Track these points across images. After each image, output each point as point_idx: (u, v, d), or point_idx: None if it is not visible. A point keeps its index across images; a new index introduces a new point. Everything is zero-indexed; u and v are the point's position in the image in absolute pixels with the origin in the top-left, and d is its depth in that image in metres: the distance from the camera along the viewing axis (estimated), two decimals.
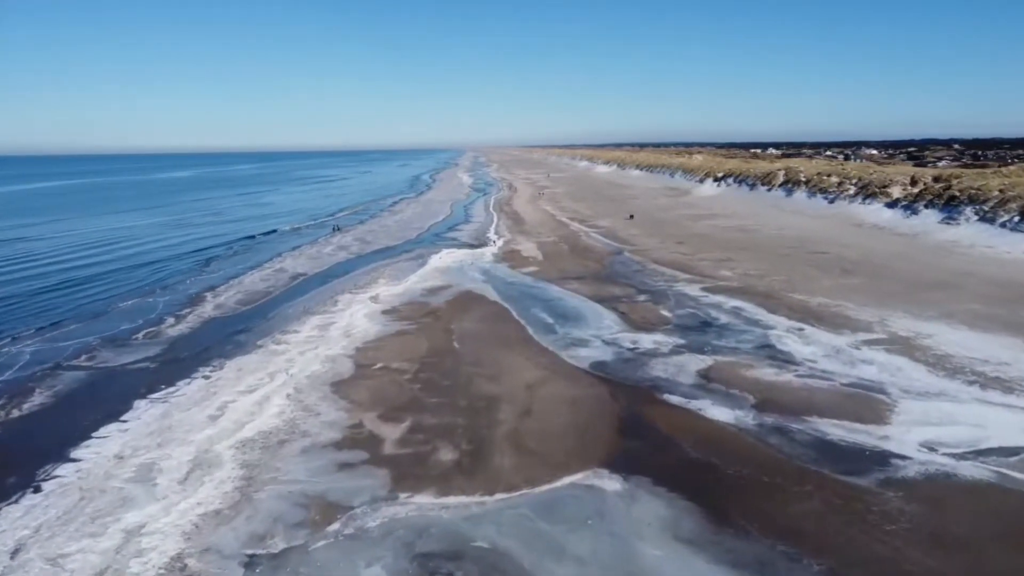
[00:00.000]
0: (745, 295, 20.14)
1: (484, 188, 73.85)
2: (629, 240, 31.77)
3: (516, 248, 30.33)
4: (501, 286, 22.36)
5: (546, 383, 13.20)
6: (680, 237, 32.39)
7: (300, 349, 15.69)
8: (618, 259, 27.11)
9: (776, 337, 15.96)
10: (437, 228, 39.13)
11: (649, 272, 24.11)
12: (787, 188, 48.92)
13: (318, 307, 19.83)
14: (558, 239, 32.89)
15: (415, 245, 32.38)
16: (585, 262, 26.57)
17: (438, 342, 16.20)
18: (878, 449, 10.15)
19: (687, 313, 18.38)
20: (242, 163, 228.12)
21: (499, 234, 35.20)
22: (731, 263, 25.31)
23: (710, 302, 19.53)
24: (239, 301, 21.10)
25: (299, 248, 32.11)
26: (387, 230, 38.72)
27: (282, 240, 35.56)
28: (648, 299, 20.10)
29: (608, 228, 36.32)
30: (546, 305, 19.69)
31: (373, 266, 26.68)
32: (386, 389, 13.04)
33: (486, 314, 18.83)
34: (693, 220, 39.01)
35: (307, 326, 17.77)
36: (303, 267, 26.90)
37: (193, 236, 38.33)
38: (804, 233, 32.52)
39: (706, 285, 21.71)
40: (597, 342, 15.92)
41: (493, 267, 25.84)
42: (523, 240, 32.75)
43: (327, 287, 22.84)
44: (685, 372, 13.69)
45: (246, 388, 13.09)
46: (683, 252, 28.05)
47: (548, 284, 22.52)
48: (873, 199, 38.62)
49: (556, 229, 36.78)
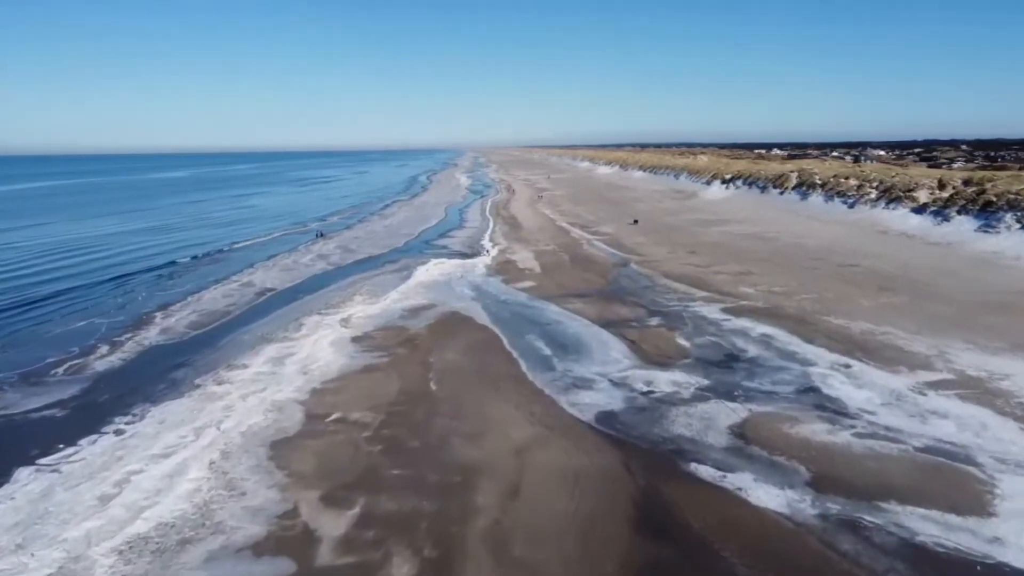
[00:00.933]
0: (773, 319, 17.40)
1: (481, 190, 71.11)
2: (635, 249, 29.02)
3: (512, 258, 27.58)
4: (492, 305, 19.63)
5: (540, 446, 10.46)
6: (691, 246, 29.64)
7: (244, 391, 12.95)
8: (624, 272, 24.36)
9: (819, 377, 13.21)
10: (428, 234, 36.40)
11: (660, 288, 21.36)
12: (801, 191, 46.12)
13: (278, 333, 17.09)
14: (558, 248, 30.15)
15: (402, 254, 29.65)
16: (587, 276, 23.82)
17: (412, 381, 13.46)
18: (992, 561, 7.42)
19: (708, 342, 15.63)
20: (240, 163, 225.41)
21: (494, 242, 32.46)
22: (751, 277, 22.56)
23: (734, 327, 16.79)
24: (191, 324, 18.36)
25: (274, 258, 29.37)
26: (374, 236, 35.98)
27: (259, 248, 32.83)
28: (661, 323, 17.36)
29: (612, 235, 33.57)
30: (543, 331, 16.95)
31: (351, 280, 23.94)
32: (338, 453, 10.30)
33: (472, 343, 16.09)
34: (703, 226, 36.24)
35: (260, 358, 15.04)
36: (273, 281, 24.16)
37: (167, 243, 35.64)
38: (827, 242, 29.75)
39: (727, 305, 18.97)
40: (603, 383, 13.18)
41: (485, 281, 23.10)
42: (520, 249, 30.01)
43: (294, 306, 20.12)
44: (715, 429, 10.95)
45: (162, 451, 10.36)
46: (696, 264, 25.29)
47: (546, 303, 19.79)
48: (897, 204, 35.83)
49: (556, 236, 34.04)
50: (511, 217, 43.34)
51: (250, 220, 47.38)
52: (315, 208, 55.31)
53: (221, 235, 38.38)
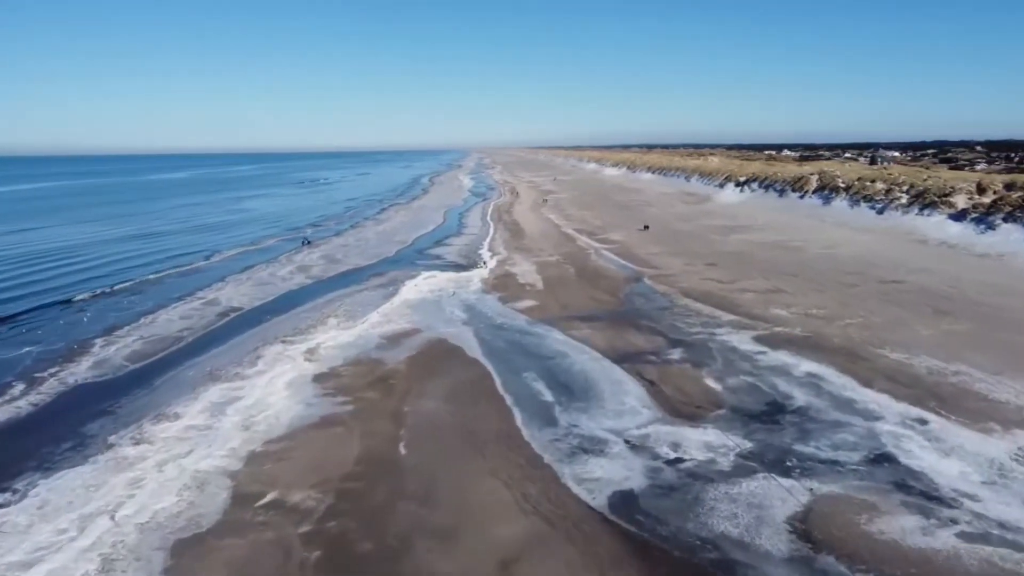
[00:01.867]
0: (818, 351, 14.62)
1: (484, 192, 68.41)
2: (649, 261, 26.24)
3: (511, 271, 24.85)
4: (486, 332, 16.90)
5: (536, 553, 7.72)
6: (710, 256, 26.85)
7: (164, 455, 10.26)
8: (637, 289, 21.60)
9: (891, 438, 10.43)
10: (422, 242, 33.70)
11: (680, 310, 18.59)
12: (823, 195, 43.22)
13: (229, 368, 14.41)
14: (562, 258, 27.40)
15: (391, 266, 26.95)
16: (596, 293, 21.07)
17: (377, 442, 10.75)
18: None
19: (744, 385, 12.87)
20: (244, 165, 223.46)
21: (493, 251, 29.74)
22: (783, 296, 19.77)
23: (772, 363, 14.01)
24: (131, 355, 15.70)
25: (251, 269, 26.71)
26: (364, 244, 33.30)
27: (238, 258, 30.20)
28: (685, 357, 14.60)
29: (621, 244, 30.80)
30: (544, 366, 14.22)
31: (329, 298, 21.25)
32: (258, 565, 7.58)
33: (459, 384, 13.37)
34: (721, 233, 33.42)
35: (198, 405, 12.35)
36: (242, 298, 21.50)
37: (146, 252, 33.02)
38: (861, 252, 26.90)
39: (759, 333, 16.19)
40: (618, 445, 10.44)
41: (480, 300, 20.38)
42: (521, 260, 27.28)
43: (257, 331, 17.44)
44: (770, 523, 8.20)
45: (23, 557, 7.66)
46: (718, 279, 22.50)
47: (548, 329, 17.05)
48: (932, 210, 32.92)
49: (560, 244, 31.30)
50: (513, 222, 40.61)
51: (238, 225, 44.82)
52: (308, 212, 52.71)
53: (203, 242, 35.81)
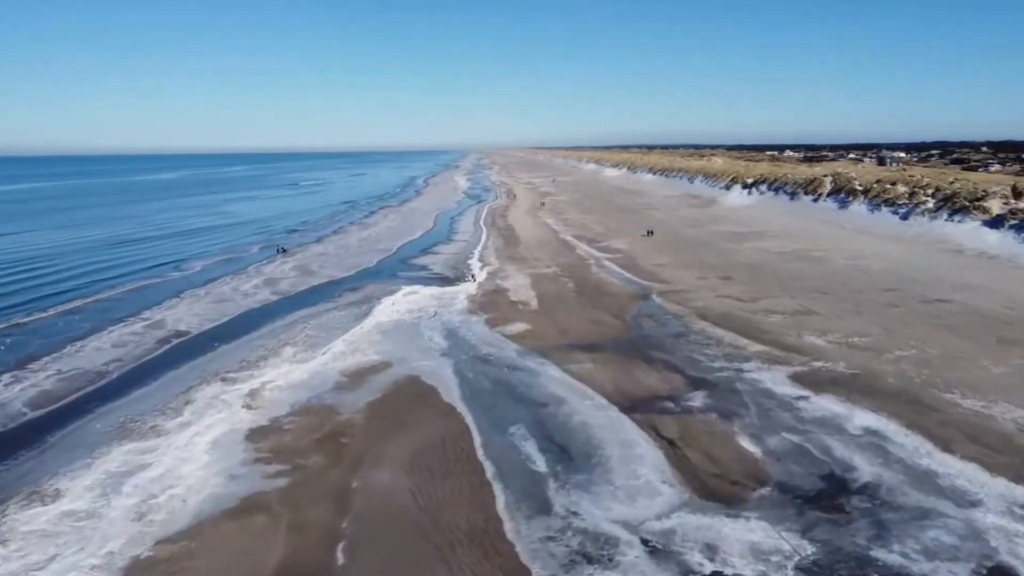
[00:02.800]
0: (872, 397, 11.90)
1: (479, 194, 65.67)
2: (656, 274, 23.51)
3: (503, 286, 22.12)
4: (468, 366, 14.18)
5: None
6: (723, 268, 24.13)
7: (14, 564, 7.53)
8: (645, 309, 18.88)
9: (1004, 539, 7.72)
10: (408, 250, 30.97)
11: (696, 338, 15.87)
12: (839, 199, 40.51)
13: (147, 417, 11.68)
14: (561, 271, 24.67)
15: (369, 279, 24.22)
16: (599, 315, 18.35)
17: (308, 542, 8.01)
18: None
19: (789, 447, 10.15)
20: (239, 165, 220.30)
21: (484, 262, 27.00)
22: (815, 320, 17.06)
23: (818, 414, 11.30)
24: (34, 398, 12.96)
25: (213, 283, 23.98)
26: (344, 253, 30.56)
27: (205, 269, 27.46)
28: (710, 404, 11.88)
29: (625, 253, 28.08)
30: (536, 418, 11.50)
31: (292, 319, 18.53)
32: None
33: (427, 444, 10.63)
34: (733, 241, 30.69)
35: (90, 475, 9.62)
36: (192, 319, 18.76)
37: (109, 261, 30.26)
38: (892, 264, 24.17)
39: (796, 369, 13.47)
40: (634, 548, 7.72)
41: (464, 323, 17.65)
42: (514, 272, 24.54)
43: (196, 365, 14.70)
44: None
45: None
46: (736, 297, 19.78)
47: (543, 362, 14.33)
48: (964, 216, 30.23)
49: (559, 253, 28.57)
50: (508, 228, 37.86)
51: (216, 231, 42.03)
52: (292, 216, 49.93)
53: (174, 250, 33.03)
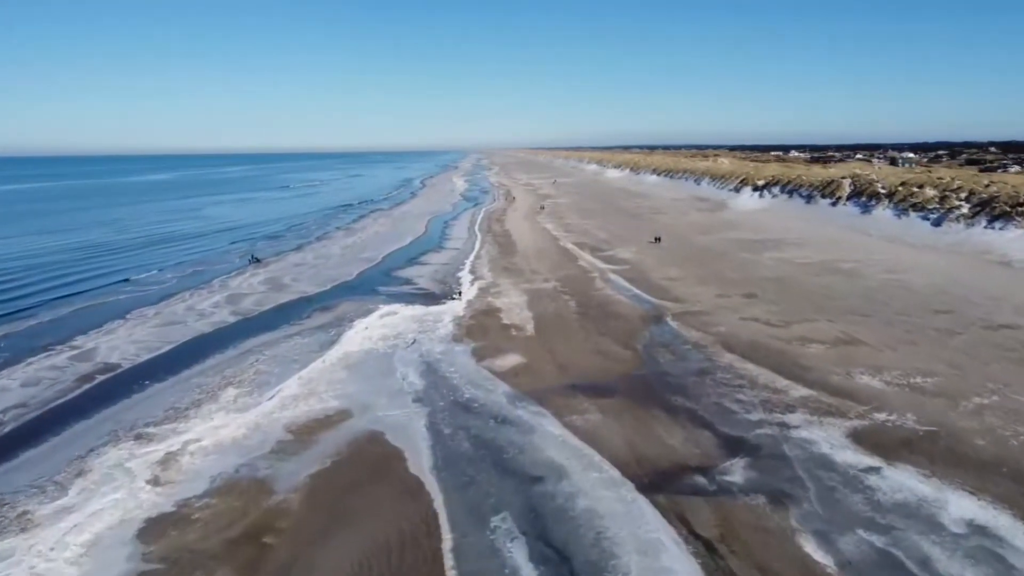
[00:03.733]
0: (963, 469, 9.14)
1: (477, 197, 62.84)
2: (669, 290, 20.73)
3: (495, 305, 19.34)
4: (445, 418, 11.41)
5: None
6: (745, 283, 21.35)
7: None
8: (660, 335, 16.10)
9: None
10: (394, 260, 28.19)
11: (725, 376, 13.09)
12: (860, 202, 37.69)
13: (17, 501, 8.95)
14: (561, 285, 21.90)
15: (345, 295, 21.46)
16: (606, 343, 15.56)
17: None
18: None
19: (870, 557, 7.39)
20: (235, 165, 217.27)
21: (475, 274, 24.22)
22: (863, 351, 14.27)
23: (899, 498, 8.54)
24: None
25: (167, 300, 21.22)
26: (323, 263, 27.78)
27: (166, 282, 24.70)
28: (754, 482, 9.10)
29: (632, 264, 25.30)
30: (528, 503, 8.73)
31: (244, 348, 15.76)
32: None
33: (378, 547, 7.85)
34: (752, 250, 27.89)
35: None
36: (129, 348, 16.01)
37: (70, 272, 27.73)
38: (936, 278, 21.36)
39: (854, 424, 10.70)
40: None
41: (446, 355, 14.88)
42: (509, 287, 21.76)
43: (110, 414, 11.93)
44: None
45: None
46: (765, 320, 17.00)
47: (538, 412, 11.56)
48: (1006, 223, 27.44)
49: (559, 265, 25.78)
50: (504, 234, 35.06)
51: (194, 236, 39.29)
52: (277, 219, 47.16)
53: (142, 260, 30.32)
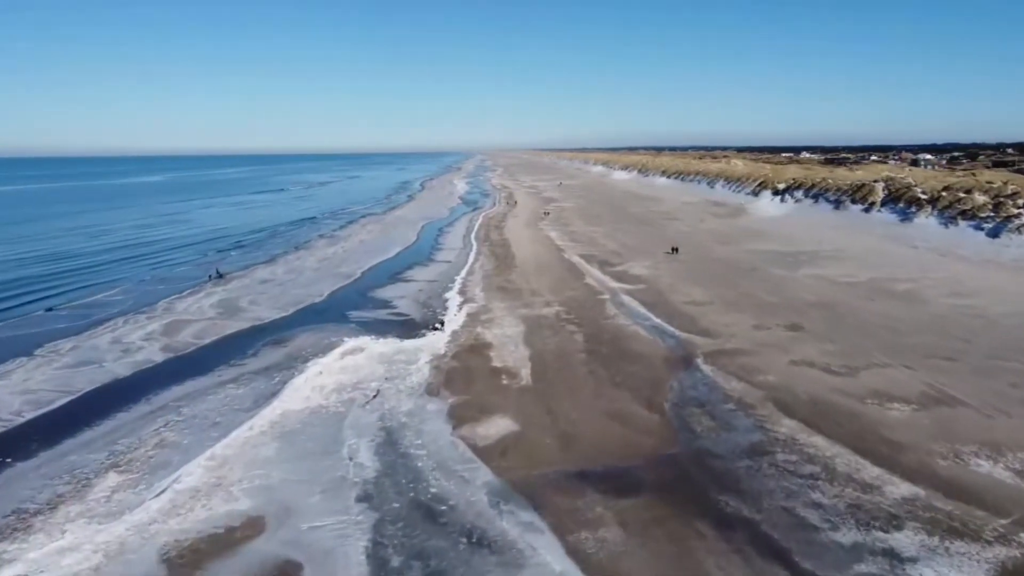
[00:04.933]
0: None
1: (476, 200, 59.29)
2: (696, 318, 17.16)
3: (484, 339, 15.80)
4: (397, 535, 7.88)
5: None
6: (785, 308, 17.79)
7: None
8: (693, 388, 12.52)
9: None
10: (375, 275, 24.69)
11: (788, 459, 9.52)
12: (897, 208, 34.04)
13: None
14: (565, 311, 18.35)
15: (306, 323, 17.96)
16: (622, 402, 11.99)
17: None
18: None
19: None
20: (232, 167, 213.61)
21: (465, 295, 20.68)
22: (967, 416, 10.70)
23: None
24: None
25: (92, 330, 17.74)
26: (293, 280, 24.27)
27: (96, 306, 21.18)
28: None
29: (648, 282, 21.74)
30: None
31: (159, 402, 12.24)
32: None
33: None
34: (784, 264, 24.28)
35: None
36: (15, 403, 12.53)
37: (8, 288, 24.26)
38: (1017, 306, 17.74)
39: (1000, 557, 7.12)
40: None
41: (414, 417, 11.34)
42: (502, 313, 18.22)
43: None
44: None
45: None
46: (823, 364, 13.42)
47: (533, 523, 8.03)
48: None
49: (563, 282, 22.23)
50: (502, 244, 31.51)
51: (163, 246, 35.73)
52: (258, 225, 43.65)
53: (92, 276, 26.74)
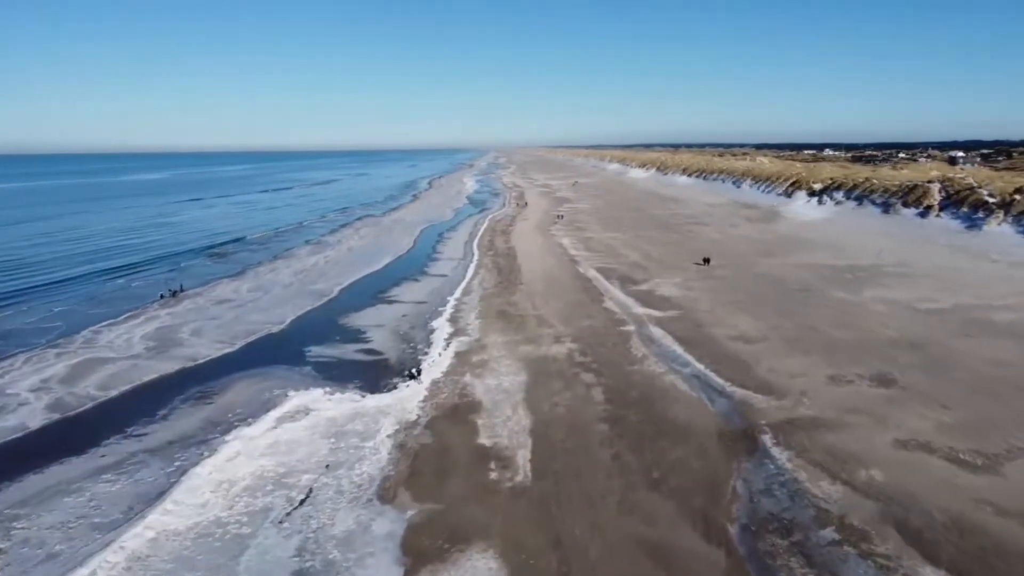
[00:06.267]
0: None
1: (484, 201, 55.34)
2: (750, 363, 13.13)
3: (471, 398, 11.87)
4: None
5: None
6: (863, 349, 13.75)
7: None
8: (765, 494, 8.55)
9: None
10: (352, 295, 20.87)
11: None
12: (960, 214, 29.77)
13: None
14: (580, 349, 14.38)
15: (248, 366, 14.15)
16: (664, 517, 8.02)
17: None
18: None
19: None
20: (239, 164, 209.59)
21: (457, 324, 16.76)
22: None
23: None
24: None
25: None
26: (254, 300, 20.49)
27: (12, 333, 17.51)
28: None
29: (682, 306, 17.72)
30: None
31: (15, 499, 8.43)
32: None
33: None
34: (843, 284, 20.17)
35: None
36: None
37: None
38: None
39: None
40: None
41: (347, 549, 7.46)
42: (500, 353, 14.28)
43: None
44: None
45: None
46: (947, 449, 9.43)
47: None
48: None
49: (577, 308, 18.26)
50: (508, 254, 27.55)
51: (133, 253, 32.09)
52: (248, 228, 40.03)
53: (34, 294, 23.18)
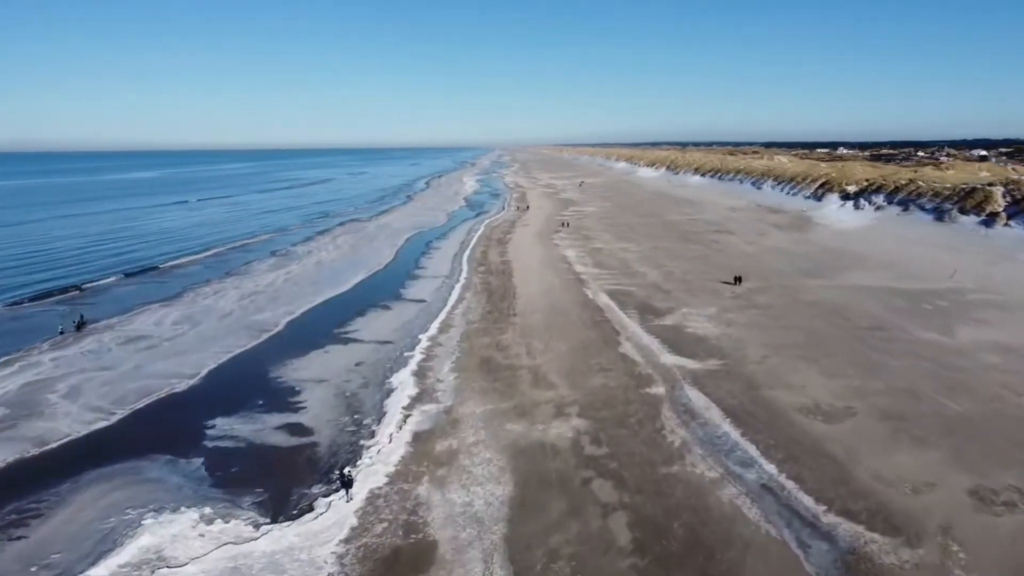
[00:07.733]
0: None
1: (483, 202, 51.05)
2: (842, 462, 8.97)
3: (424, 535, 7.68)
4: None
5: None
6: (998, 436, 9.50)
7: None
8: None
9: None
10: (300, 329, 16.73)
11: None
12: None
13: None
14: (591, 430, 10.18)
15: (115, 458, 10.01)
16: None
17: None
18: None
19: None
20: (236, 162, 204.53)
21: (424, 381, 12.52)
22: None
23: None
24: None
25: None
26: (173, 339, 16.33)
27: None
28: None
29: (725, 352, 13.45)
30: None
31: None
32: None
33: None
34: (925, 320, 15.88)
35: None
36: None
37: None
38: None
39: None
40: None
41: None
42: (477, 435, 10.07)
43: None
44: None
45: None
46: None
47: None
48: None
49: (585, 352, 13.99)
50: (503, 271, 23.28)
51: (66, 266, 28.03)
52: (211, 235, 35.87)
53: None
